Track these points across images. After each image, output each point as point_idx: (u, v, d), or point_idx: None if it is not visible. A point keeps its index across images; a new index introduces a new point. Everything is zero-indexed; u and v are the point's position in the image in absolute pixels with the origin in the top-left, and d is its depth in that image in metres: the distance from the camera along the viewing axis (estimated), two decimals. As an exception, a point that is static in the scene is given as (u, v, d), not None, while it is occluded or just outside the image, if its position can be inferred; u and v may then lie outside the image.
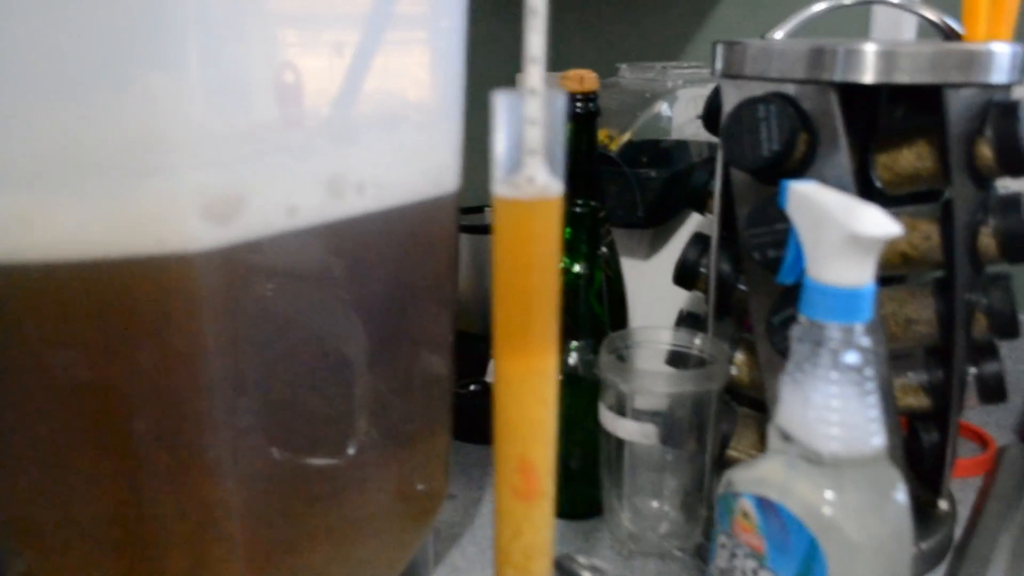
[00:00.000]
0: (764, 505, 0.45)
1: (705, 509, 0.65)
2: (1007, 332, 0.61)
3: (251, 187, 0.41)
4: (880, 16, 0.66)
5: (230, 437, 0.43)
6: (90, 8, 0.36)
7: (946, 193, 0.61)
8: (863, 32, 0.68)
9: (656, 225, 0.83)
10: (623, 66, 0.93)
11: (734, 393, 0.69)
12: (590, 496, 0.69)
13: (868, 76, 0.54)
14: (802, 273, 0.45)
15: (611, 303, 0.71)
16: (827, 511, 0.43)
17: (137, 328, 0.40)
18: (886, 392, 0.58)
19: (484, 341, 0.85)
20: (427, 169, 0.51)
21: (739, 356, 0.67)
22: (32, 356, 0.40)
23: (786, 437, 0.45)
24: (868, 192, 0.60)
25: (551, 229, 0.34)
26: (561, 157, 0.34)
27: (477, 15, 0.54)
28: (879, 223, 0.41)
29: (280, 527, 0.48)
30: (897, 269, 0.60)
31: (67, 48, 0.36)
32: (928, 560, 0.64)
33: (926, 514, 0.66)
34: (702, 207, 0.71)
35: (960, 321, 0.59)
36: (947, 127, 0.55)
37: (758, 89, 0.57)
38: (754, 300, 0.61)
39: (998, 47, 0.54)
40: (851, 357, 0.43)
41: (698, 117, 0.89)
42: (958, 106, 0.55)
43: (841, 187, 0.55)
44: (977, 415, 0.88)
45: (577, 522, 0.71)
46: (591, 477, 0.68)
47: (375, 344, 0.51)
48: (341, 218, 0.46)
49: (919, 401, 0.63)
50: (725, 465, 0.65)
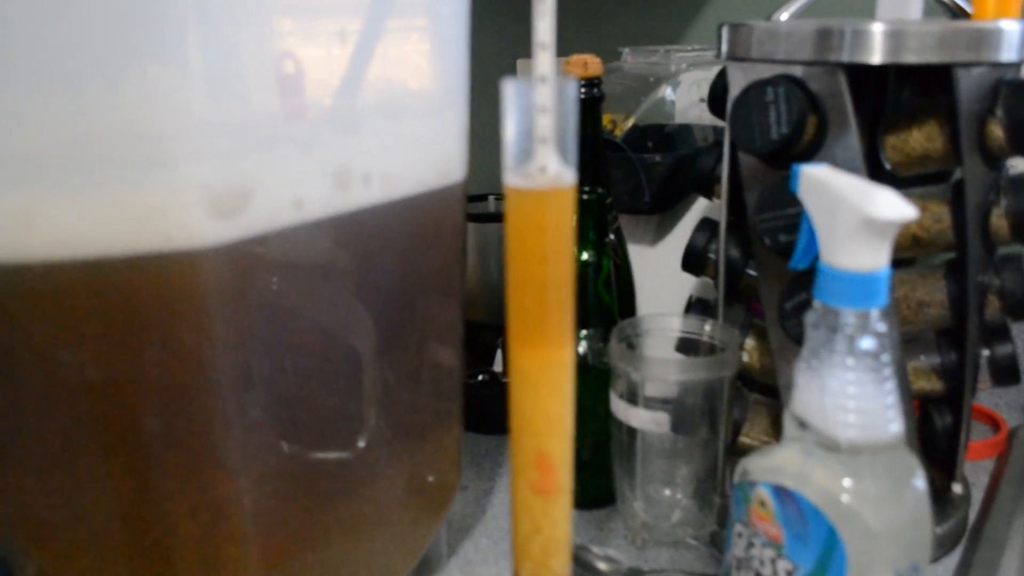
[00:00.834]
0: (781, 493, 0.45)
1: (719, 497, 0.65)
2: (1020, 313, 0.60)
3: (257, 180, 0.40)
4: (886, -6, 0.66)
5: (240, 434, 0.43)
6: (91, 1, 0.35)
7: (956, 174, 0.60)
8: (868, 12, 0.67)
9: (662, 211, 0.83)
10: (626, 50, 0.92)
11: (745, 379, 0.68)
12: (602, 486, 0.69)
13: (876, 56, 0.53)
14: (815, 258, 0.44)
15: (619, 290, 0.70)
16: (845, 499, 0.43)
17: (144, 326, 0.39)
18: (900, 376, 0.58)
19: (490, 330, 0.85)
20: (433, 159, 0.51)
21: (749, 342, 0.67)
22: (39, 356, 0.40)
23: (802, 424, 0.45)
24: (877, 174, 0.59)
25: (564, 218, 0.34)
26: (573, 145, 0.34)
27: (475, 2, 0.53)
28: (895, 206, 0.40)
29: (292, 523, 0.47)
30: (908, 251, 0.60)
31: (66, 41, 0.36)
32: (944, 544, 0.64)
33: (940, 498, 0.65)
34: (709, 192, 0.70)
35: (973, 303, 0.58)
36: (957, 107, 0.54)
37: (765, 71, 0.56)
38: (764, 285, 0.60)
39: (1008, 25, 0.53)
40: (867, 343, 0.42)
41: (701, 100, 0.89)
42: (968, 85, 0.54)
43: (851, 169, 0.54)
44: (988, 397, 0.87)
45: (589, 512, 0.70)
46: (603, 467, 0.68)
47: (384, 336, 0.50)
48: (348, 210, 0.45)
49: (932, 384, 0.63)
50: (738, 452, 0.65)
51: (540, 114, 0.33)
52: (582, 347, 0.67)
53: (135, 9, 0.36)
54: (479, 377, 0.84)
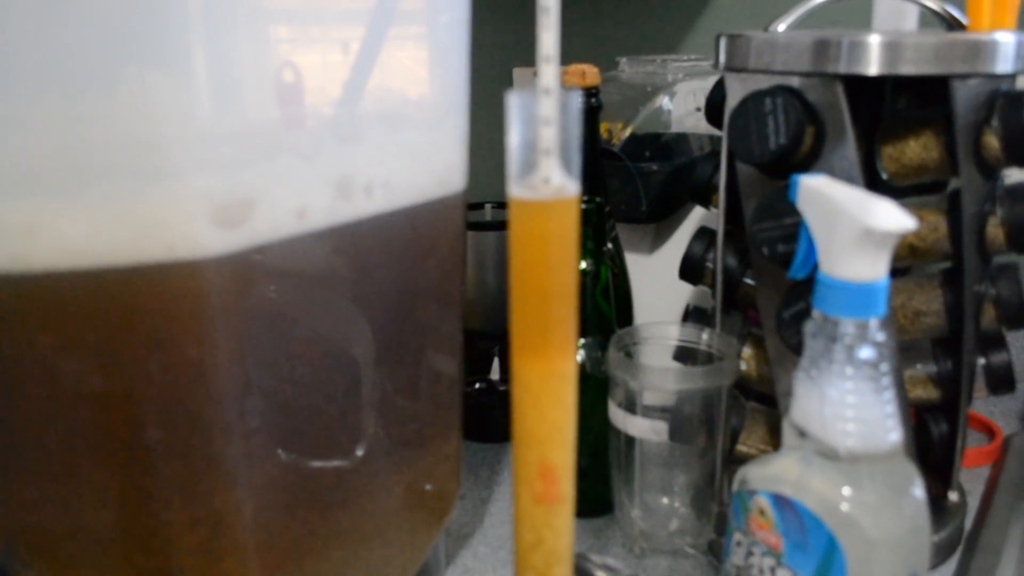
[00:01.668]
0: (780, 502, 0.45)
1: (716, 505, 0.65)
2: (1016, 322, 0.61)
3: (260, 190, 0.40)
4: (881, 7, 0.66)
5: (240, 443, 0.43)
6: (92, 8, 0.35)
7: (952, 184, 0.60)
8: (865, 23, 0.68)
9: (659, 220, 0.83)
10: (623, 60, 0.93)
11: (742, 388, 0.68)
12: (600, 494, 0.69)
13: (873, 68, 0.53)
14: (814, 268, 0.44)
15: (617, 299, 0.71)
16: (845, 507, 0.43)
17: (147, 336, 0.39)
18: (897, 384, 0.58)
19: (487, 338, 0.85)
20: (434, 169, 0.51)
21: (747, 350, 0.67)
22: (41, 366, 0.40)
23: (802, 433, 0.45)
24: (874, 184, 0.60)
25: (568, 229, 0.34)
26: (576, 157, 0.34)
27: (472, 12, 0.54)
28: (893, 217, 0.41)
29: (292, 533, 0.47)
30: (904, 261, 0.60)
31: (68, 50, 0.36)
32: (940, 552, 0.64)
33: (937, 506, 0.66)
34: (707, 201, 0.70)
35: (969, 312, 0.59)
36: (954, 118, 0.55)
37: (763, 82, 0.57)
38: (762, 294, 0.61)
39: (1003, 37, 0.53)
40: (866, 352, 0.42)
41: (698, 110, 0.89)
42: (964, 96, 0.54)
43: (848, 179, 0.54)
44: (982, 405, 0.88)
45: (587, 520, 0.70)
46: (601, 475, 0.68)
47: (384, 346, 0.51)
48: (350, 220, 0.45)
49: (928, 392, 0.63)
50: (735, 460, 0.65)
51: (544, 126, 0.33)
52: (580, 356, 0.68)
53: (138, 18, 0.36)
54: (476, 385, 0.84)
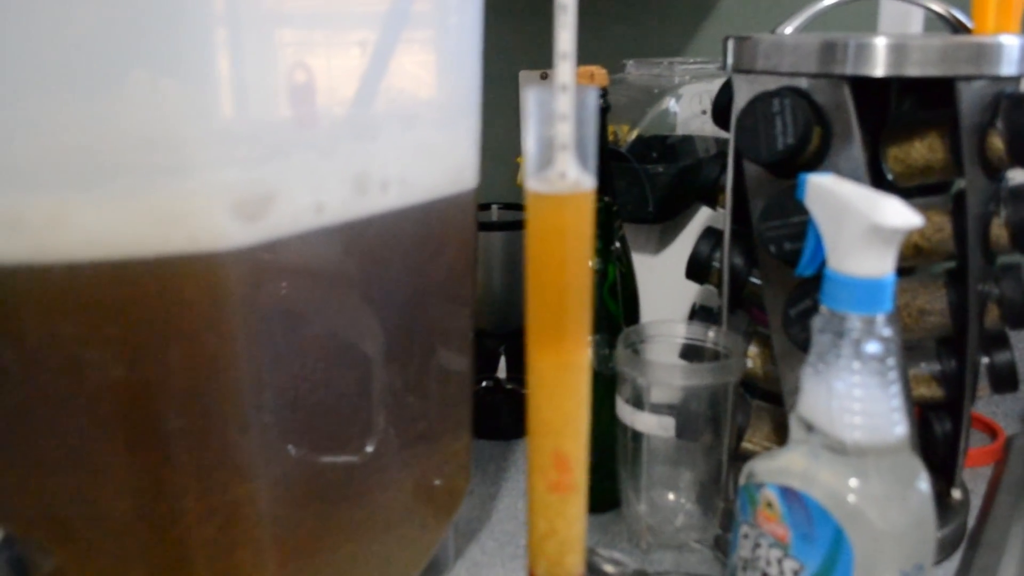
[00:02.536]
0: (788, 495, 0.46)
1: (722, 501, 0.66)
2: (1019, 322, 0.61)
3: (280, 185, 0.41)
4: (887, 10, 0.67)
5: (257, 436, 0.43)
6: (114, 9, 0.36)
7: (956, 184, 0.61)
8: (870, 26, 0.69)
9: (666, 220, 0.84)
10: (629, 62, 0.94)
11: (748, 385, 0.69)
12: (607, 490, 0.70)
13: (880, 69, 0.54)
14: (821, 265, 0.45)
15: (624, 298, 0.71)
16: (852, 499, 0.44)
17: (168, 327, 0.40)
18: (902, 383, 0.59)
19: (494, 337, 0.86)
20: (447, 166, 0.52)
21: (752, 348, 0.68)
22: (62, 355, 0.40)
23: (809, 427, 0.46)
24: (879, 184, 0.60)
25: (584, 223, 0.35)
26: (593, 152, 0.35)
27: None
28: (901, 214, 0.41)
29: (305, 526, 0.48)
30: (909, 261, 0.61)
31: (94, 48, 0.36)
32: (943, 549, 0.65)
33: (940, 503, 0.66)
34: (713, 202, 0.71)
35: (973, 311, 0.59)
36: (959, 119, 0.55)
37: (770, 83, 0.57)
38: (769, 292, 0.61)
39: (1008, 39, 0.54)
40: (873, 347, 0.43)
41: (704, 112, 0.90)
42: (969, 98, 0.55)
43: (855, 179, 0.55)
44: (985, 405, 0.89)
45: (595, 516, 0.71)
46: (608, 471, 0.68)
47: (398, 341, 0.51)
48: (366, 215, 0.46)
49: (932, 391, 0.64)
50: (740, 458, 0.66)
51: (561, 122, 0.34)
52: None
53: (163, 18, 0.37)
54: (483, 383, 0.84)
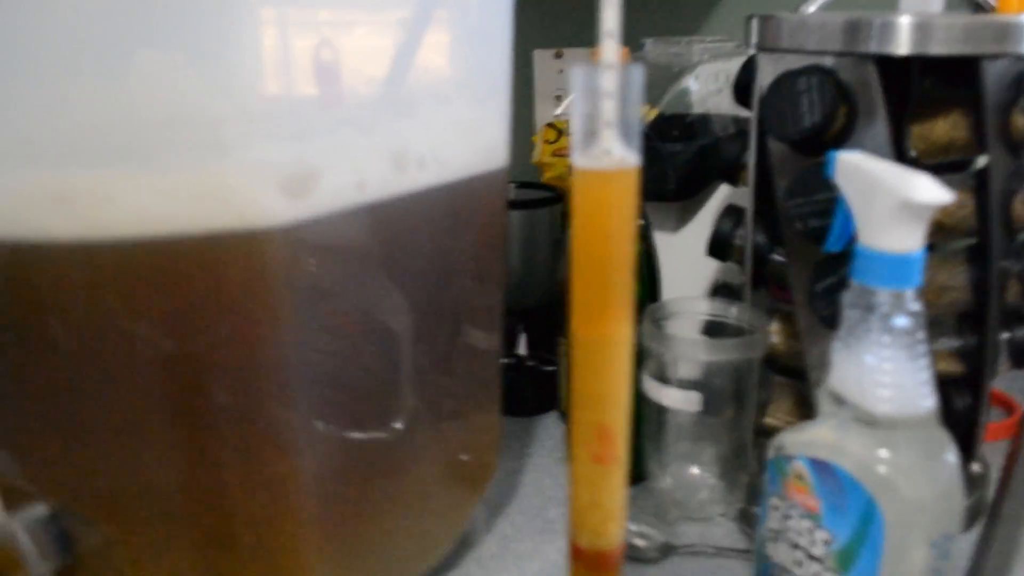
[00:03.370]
0: (819, 466, 0.47)
1: (746, 475, 0.67)
2: (1040, 298, 0.62)
3: (323, 162, 0.42)
4: (909, -14, 0.67)
5: (301, 411, 0.44)
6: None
7: (978, 162, 0.62)
8: (891, 4, 0.69)
9: (686, 198, 0.84)
10: (648, 41, 0.94)
11: (769, 361, 0.70)
12: (633, 464, 0.70)
13: (904, 48, 0.55)
14: (849, 241, 0.46)
15: (647, 275, 0.72)
16: (882, 469, 0.44)
17: (215, 302, 0.41)
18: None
19: (513, 315, 0.87)
20: (480, 144, 0.53)
21: (774, 325, 0.68)
22: (111, 330, 0.41)
23: (839, 400, 0.47)
24: (902, 161, 0.61)
25: (628, 199, 0.36)
26: (637, 129, 0.35)
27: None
28: (932, 190, 0.42)
29: (345, 500, 0.49)
30: (931, 237, 0.61)
31: (135, 25, 0.37)
32: (965, 520, 0.65)
33: (960, 476, 0.67)
34: (735, 179, 0.72)
35: (994, 288, 0.60)
36: (983, 98, 0.56)
37: (795, 62, 0.58)
38: (793, 269, 0.62)
39: (1032, 18, 0.55)
40: (902, 321, 0.44)
41: (720, 91, 0.90)
42: (993, 76, 0.56)
43: (879, 157, 0.56)
44: (1001, 380, 0.89)
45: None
46: (634, 446, 0.69)
47: (433, 318, 0.52)
48: (405, 192, 0.47)
49: (952, 367, 0.65)
50: (762, 432, 0.67)
51: (606, 99, 0.35)
52: (612, 330, 0.69)
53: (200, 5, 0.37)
54: (504, 361, 0.85)
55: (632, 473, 0.71)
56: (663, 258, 0.78)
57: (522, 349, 0.85)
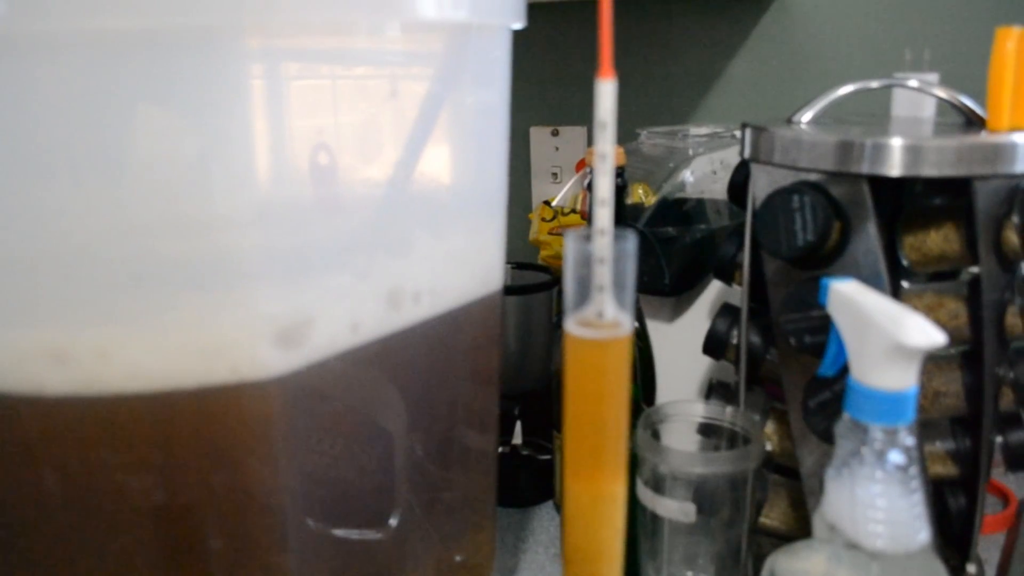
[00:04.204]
0: (812, 598, 0.47)
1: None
2: (1034, 404, 0.62)
3: (318, 308, 0.42)
4: (900, 95, 0.68)
5: (296, 551, 0.44)
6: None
7: (965, 272, 0.62)
8: (883, 105, 0.70)
9: (681, 292, 0.85)
10: (643, 132, 0.95)
11: (765, 461, 0.70)
12: (628, 565, 0.70)
13: (896, 169, 0.55)
14: (844, 366, 0.46)
15: (642, 373, 0.72)
16: (875, 606, 0.44)
17: (211, 453, 0.41)
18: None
19: (507, 399, 0.87)
20: (476, 271, 0.53)
21: (770, 425, 0.68)
22: (108, 481, 0.41)
23: (832, 528, 0.47)
24: (895, 270, 0.61)
25: (622, 363, 0.36)
26: (631, 291, 0.36)
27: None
28: (925, 333, 0.42)
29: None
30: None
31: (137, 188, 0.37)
32: (960, 630, 0.65)
33: (955, 578, 0.67)
34: (729, 278, 0.72)
35: (989, 395, 0.60)
36: (975, 215, 0.56)
37: (788, 176, 0.58)
38: (787, 380, 0.62)
39: (1022, 139, 0.55)
40: (896, 457, 0.44)
41: (714, 173, 0.91)
42: (985, 195, 0.56)
43: (872, 269, 0.56)
44: (997, 469, 0.89)
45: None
46: (628, 546, 0.69)
47: (431, 437, 0.52)
48: (399, 328, 0.47)
49: (947, 469, 0.65)
50: (758, 532, 0.66)
51: (599, 264, 0.35)
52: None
53: (209, 139, 0.38)
54: (499, 450, 0.85)
55: (627, 574, 0.71)
56: (657, 349, 0.78)
57: (517, 438, 0.85)
